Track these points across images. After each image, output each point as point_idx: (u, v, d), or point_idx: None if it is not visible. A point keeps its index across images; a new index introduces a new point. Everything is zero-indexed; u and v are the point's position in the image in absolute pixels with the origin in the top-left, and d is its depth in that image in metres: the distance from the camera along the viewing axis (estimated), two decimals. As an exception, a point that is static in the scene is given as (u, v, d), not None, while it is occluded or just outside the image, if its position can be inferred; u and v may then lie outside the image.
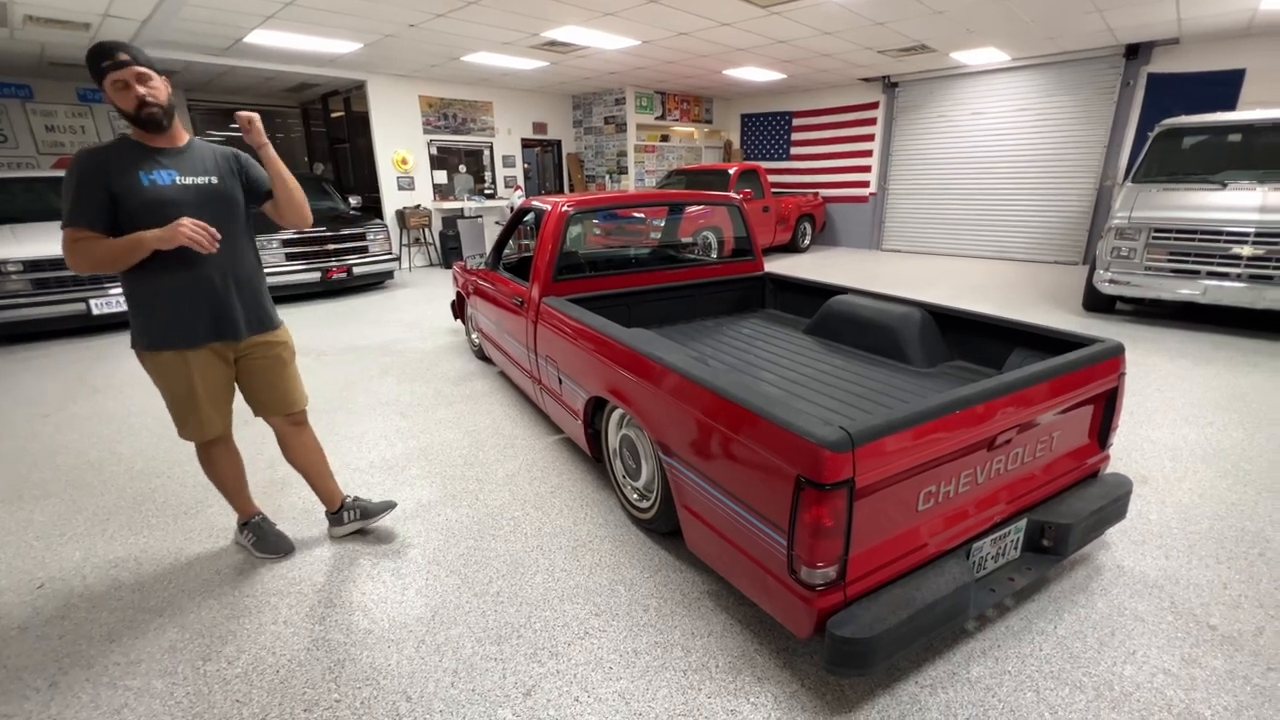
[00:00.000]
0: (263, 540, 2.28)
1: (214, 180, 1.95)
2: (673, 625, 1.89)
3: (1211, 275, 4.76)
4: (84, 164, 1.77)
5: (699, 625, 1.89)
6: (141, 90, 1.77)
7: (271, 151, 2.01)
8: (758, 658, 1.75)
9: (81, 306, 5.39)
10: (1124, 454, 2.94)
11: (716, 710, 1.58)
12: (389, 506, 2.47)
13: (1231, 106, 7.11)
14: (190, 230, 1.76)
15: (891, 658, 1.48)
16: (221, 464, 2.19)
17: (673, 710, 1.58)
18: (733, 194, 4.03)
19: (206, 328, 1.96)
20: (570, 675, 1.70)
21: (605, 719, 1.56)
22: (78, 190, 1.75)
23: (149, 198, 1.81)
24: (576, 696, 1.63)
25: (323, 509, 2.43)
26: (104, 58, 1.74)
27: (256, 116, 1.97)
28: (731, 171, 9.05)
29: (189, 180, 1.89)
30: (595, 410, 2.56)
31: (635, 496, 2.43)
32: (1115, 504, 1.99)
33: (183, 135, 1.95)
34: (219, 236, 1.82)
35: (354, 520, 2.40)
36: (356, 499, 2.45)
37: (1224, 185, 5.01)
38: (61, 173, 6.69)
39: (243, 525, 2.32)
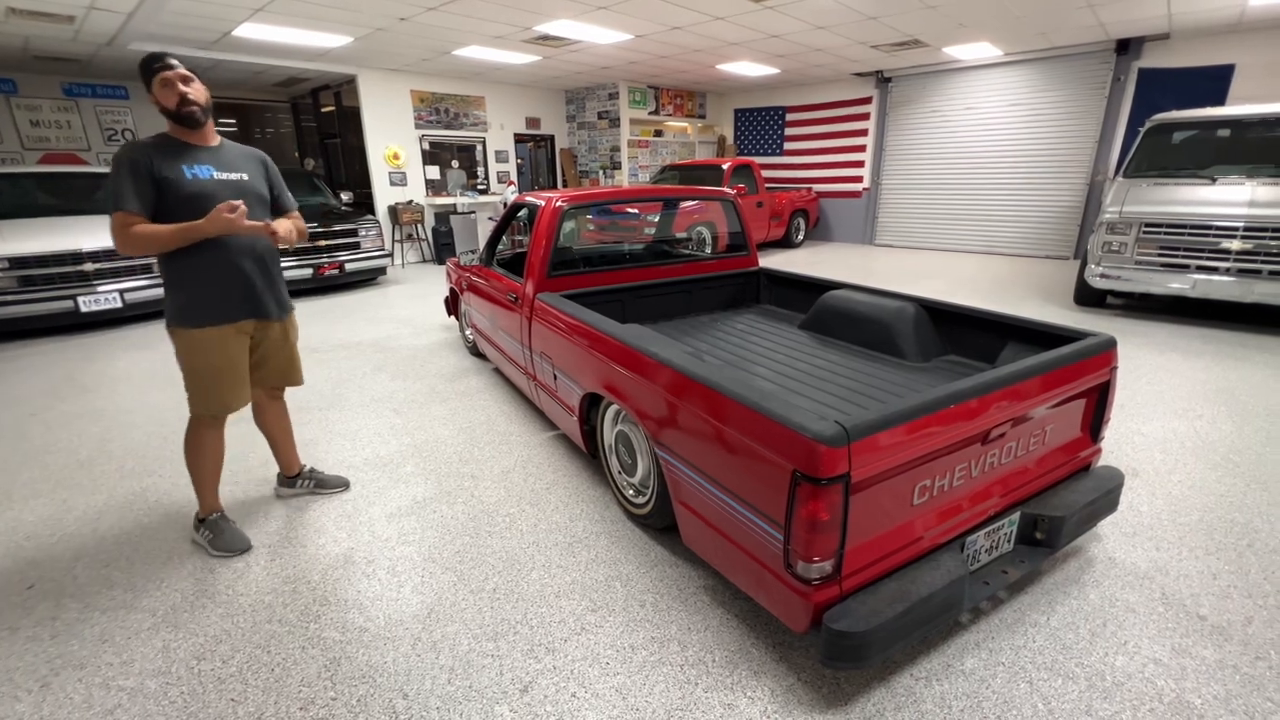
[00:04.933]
0: (219, 537, 2.27)
1: (244, 177, 2.17)
2: (669, 620, 1.89)
3: (1201, 270, 4.80)
4: (135, 154, 1.96)
5: (695, 620, 1.89)
6: (184, 89, 2.00)
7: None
8: (754, 652, 1.76)
9: (69, 304, 5.31)
10: (1115, 447, 2.96)
11: (713, 704, 1.59)
12: (343, 484, 2.71)
13: (1221, 101, 7.15)
14: (228, 216, 1.93)
15: (887, 651, 1.49)
16: (212, 450, 2.27)
17: (670, 705, 1.59)
18: (727, 189, 4.02)
19: (241, 306, 2.16)
20: (567, 671, 1.70)
21: (602, 714, 1.56)
22: (131, 177, 1.93)
23: (192, 190, 2.02)
24: (574, 692, 1.63)
25: (322, 520, 2.43)
26: (155, 60, 1.99)
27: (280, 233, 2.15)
28: (725, 167, 9.03)
29: (224, 176, 2.11)
30: (590, 406, 2.56)
31: (631, 492, 2.43)
32: (1107, 496, 2.01)
33: (215, 136, 2.17)
34: (242, 206, 1.97)
35: (306, 489, 2.66)
36: (314, 470, 2.70)
37: (1213, 180, 5.05)
38: (50, 169, 6.65)
39: (201, 521, 2.32)
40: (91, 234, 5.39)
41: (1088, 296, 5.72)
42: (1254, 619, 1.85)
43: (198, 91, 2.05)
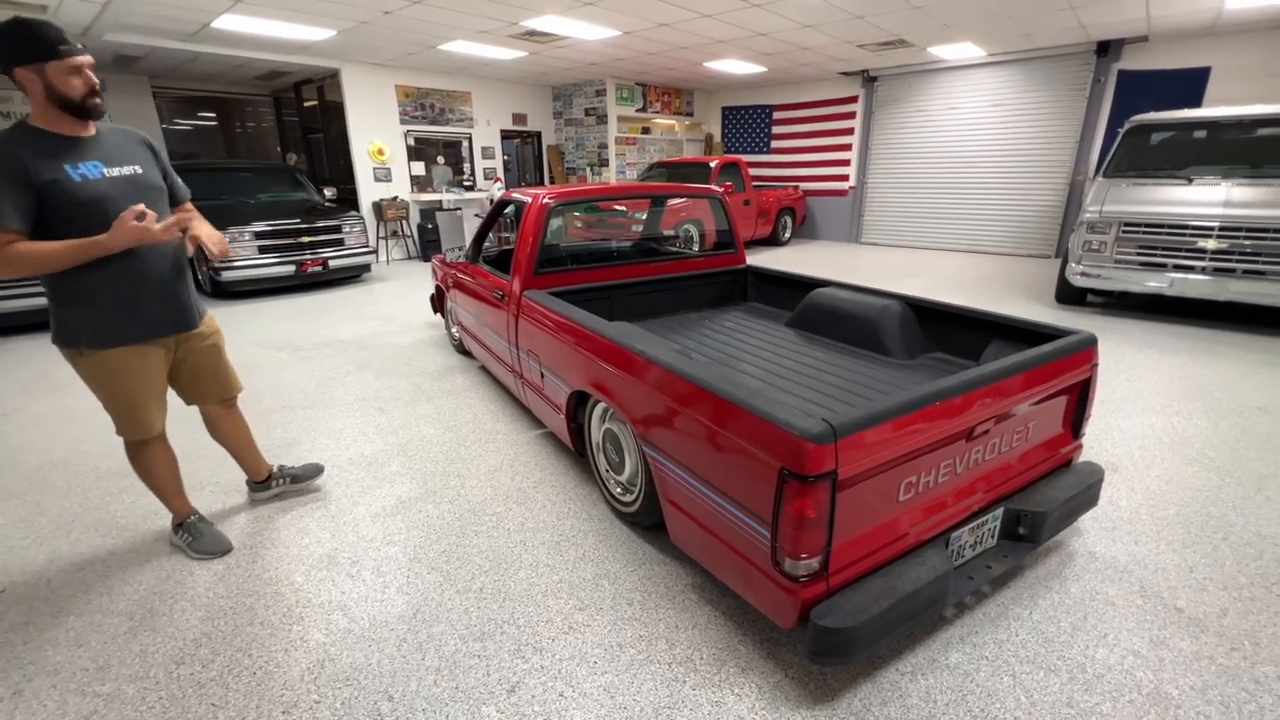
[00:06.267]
0: (199, 540, 2.22)
1: (138, 169, 1.88)
2: (657, 618, 1.89)
3: (1178, 268, 4.89)
4: (2, 155, 1.62)
5: (683, 618, 1.89)
6: (94, 78, 1.73)
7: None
8: (742, 649, 1.77)
9: (42, 301, 5.18)
10: (1095, 443, 3.01)
11: (701, 702, 1.59)
12: (318, 470, 2.65)
13: (1197, 103, 7.29)
14: (137, 225, 1.69)
15: (874, 647, 1.50)
16: (159, 462, 2.15)
17: (658, 703, 1.58)
18: (714, 187, 4.02)
19: (166, 320, 1.97)
20: (555, 670, 1.69)
21: (590, 713, 1.56)
22: (1, 186, 1.61)
23: (83, 195, 1.71)
24: (561, 692, 1.62)
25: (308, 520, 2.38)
26: (61, 40, 1.65)
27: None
28: (713, 164, 9.04)
29: (115, 172, 1.81)
30: (578, 404, 2.55)
31: (619, 490, 2.43)
32: (1088, 492, 2.04)
33: (91, 123, 1.84)
34: (150, 211, 1.74)
35: (282, 487, 2.56)
36: (283, 467, 2.58)
37: (1190, 180, 5.14)
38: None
39: (178, 526, 2.26)
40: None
41: (1068, 294, 5.81)
42: (1229, 611, 1.89)
43: (95, 81, 1.75)
